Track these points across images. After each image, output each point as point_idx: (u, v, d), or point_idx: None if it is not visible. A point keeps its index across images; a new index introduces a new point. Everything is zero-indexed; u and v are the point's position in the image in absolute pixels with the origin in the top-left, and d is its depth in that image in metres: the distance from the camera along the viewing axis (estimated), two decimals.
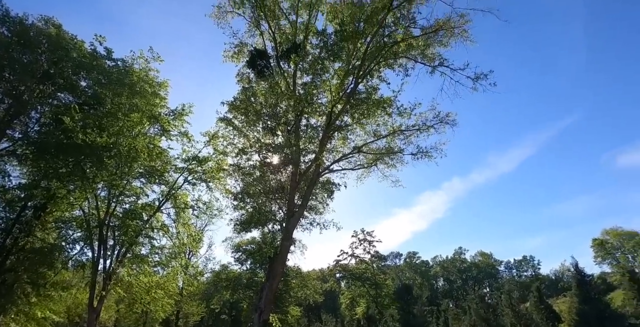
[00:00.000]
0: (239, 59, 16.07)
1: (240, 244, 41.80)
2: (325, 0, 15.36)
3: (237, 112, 14.83)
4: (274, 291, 14.46)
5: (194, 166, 24.52)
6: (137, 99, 20.68)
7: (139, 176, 21.89)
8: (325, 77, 13.85)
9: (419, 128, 15.33)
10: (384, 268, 56.29)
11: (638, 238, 63.23)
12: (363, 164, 17.44)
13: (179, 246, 23.62)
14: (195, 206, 24.10)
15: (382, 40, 13.01)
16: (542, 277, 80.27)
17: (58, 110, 19.28)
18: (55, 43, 18.62)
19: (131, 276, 19.48)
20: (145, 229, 20.66)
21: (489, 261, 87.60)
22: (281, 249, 13.96)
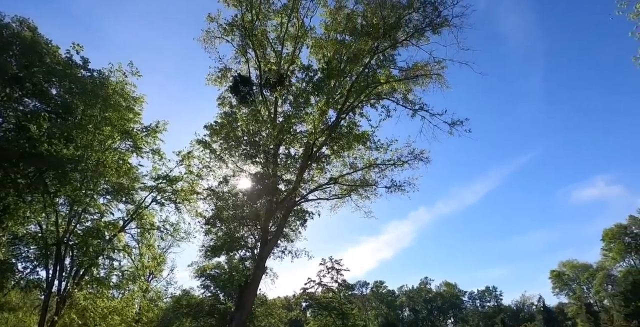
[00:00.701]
0: (222, 83, 16.17)
1: (205, 268, 40.12)
2: (311, 35, 15.99)
3: (217, 136, 14.73)
4: (244, 321, 13.93)
5: (163, 185, 23.77)
6: (110, 112, 20.12)
7: (104, 192, 20.92)
8: (308, 110, 14.17)
9: (394, 163, 15.80)
10: (351, 297, 55.46)
11: (592, 270, 66.48)
12: (338, 194, 17.59)
13: (140, 268, 22.39)
14: (162, 227, 23.17)
15: (367, 81, 13.61)
16: (504, 308, 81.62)
17: (24, 116, 18.39)
18: (29, 46, 17.91)
19: (88, 299, 18.05)
20: (107, 250, 19.51)
21: (453, 291, 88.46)
22: (253, 278, 13.59)
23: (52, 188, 18.32)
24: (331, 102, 13.94)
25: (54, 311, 17.58)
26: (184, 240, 23.70)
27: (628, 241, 59.47)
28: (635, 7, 12.14)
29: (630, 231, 60.08)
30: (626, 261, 60.49)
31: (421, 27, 13.36)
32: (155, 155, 23.13)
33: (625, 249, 59.25)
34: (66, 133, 18.67)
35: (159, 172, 23.37)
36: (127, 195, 21.49)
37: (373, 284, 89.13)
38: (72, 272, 19.10)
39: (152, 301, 26.90)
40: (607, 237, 61.90)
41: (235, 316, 13.40)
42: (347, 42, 14.87)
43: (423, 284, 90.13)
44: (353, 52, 13.96)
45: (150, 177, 23.26)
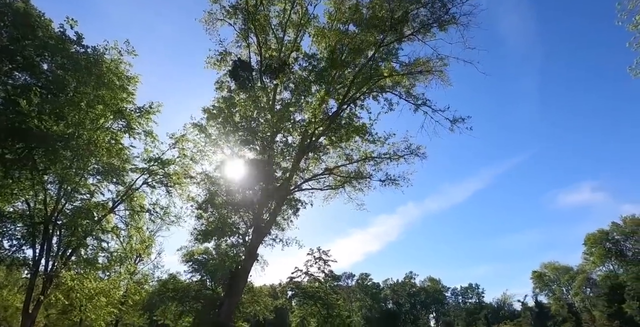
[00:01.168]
0: (221, 67, 15.88)
1: (193, 252, 40.03)
2: (313, 23, 15.70)
3: (214, 120, 14.49)
4: (234, 307, 13.97)
5: (155, 168, 23.48)
6: (103, 91, 19.66)
7: (95, 172, 20.58)
8: (308, 99, 13.98)
9: (390, 157, 15.79)
10: (336, 288, 56.02)
11: (572, 273, 68.29)
12: (331, 185, 17.59)
13: (129, 250, 22.22)
14: (153, 210, 22.95)
15: (370, 73, 13.44)
16: (485, 305, 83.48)
17: (13, 90, 17.86)
18: (21, 18, 17.25)
19: (74, 280, 17.85)
20: (96, 231, 19.26)
21: (437, 286, 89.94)
22: (245, 264, 13.58)
23: (41, 165, 17.93)
24: (332, 92, 13.78)
25: (40, 290, 17.35)
26: (174, 224, 23.48)
27: (609, 247, 61.10)
28: (634, 18, 12.22)
29: (612, 237, 61.68)
30: (606, 265, 62.25)
31: (428, 23, 13.21)
32: (148, 137, 22.74)
33: (605, 254, 60.89)
34: (57, 110, 18.22)
35: (151, 154, 23.04)
36: (118, 176, 21.16)
37: (359, 276, 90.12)
38: (60, 252, 18.84)
39: (139, 283, 26.82)
40: (589, 241, 63.51)
41: (226, 301, 13.41)
42: (350, 33, 14.64)
43: (408, 278, 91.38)
44: (357, 43, 13.77)
45: (141, 159, 22.93)
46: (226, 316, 13.10)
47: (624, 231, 60.67)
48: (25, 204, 18.79)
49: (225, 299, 13.40)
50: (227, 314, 13.23)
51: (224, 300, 13.66)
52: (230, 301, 13.37)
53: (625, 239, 60.83)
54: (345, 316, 50.41)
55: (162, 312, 43.86)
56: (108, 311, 22.97)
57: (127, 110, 21.34)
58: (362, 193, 17.97)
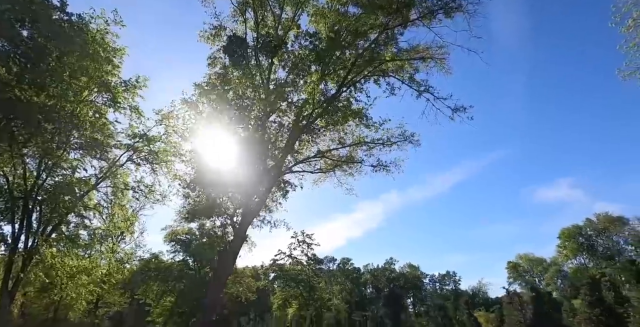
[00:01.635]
0: (215, 42, 15.25)
1: (176, 232, 39.69)
2: (312, 2, 15.14)
3: (206, 97, 13.99)
4: (223, 287, 13.94)
5: (140, 145, 22.85)
6: (87, 62, 18.77)
7: (77, 147, 19.84)
8: (307, 79, 13.61)
9: (384, 142, 15.67)
10: (318, 271, 56.81)
11: (545, 264, 71.39)
12: (322, 168, 17.44)
13: (112, 228, 21.78)
14: (137, 188, 22.44)
15: (372, 56, 13.15)
16: (461, 292, 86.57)
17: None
18: None
19: (55, 257, 17.37)
20: (78, 207, 18.72)
21: (416, 273, 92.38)
22: (234, 245, 13.46)
23: (20, 138, 17.15)
24: (332, 73, 13.47)
25: (19, 267, 16.83)
26: (159, 202, 23.05)
27: (582, 241, 64.14)
28: (627, 21, 12.33)
29: (585, 233, 64.57)
30: (577, 259, 65.23)
31: (434, 9, 12.89)
32: (133, 112, 22.00)
33: (578, 248, 63.92)
34: (38, 79, 17.36)
35: (136, 130, 22.38)
36: (102, 151, 20.51)
37: (340, 261, 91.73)
38: (40, 229, 18.26)
39: (121, 262, 26.49)
40: (564, 235, 66.37)
41: (214, 281, 13.33)
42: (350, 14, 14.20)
43: (388, 264, 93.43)
44: (359, 25, 13.38)
45: (126, 134, 22.26)
46: (214, 296, 13.06)
47: (596, 227, 63.48)
48: (4, 178, 18.02)
49: (214, 280, 13.32)
50: (216, 294, 13.19)
51: (212, 280, 13.58)
52: (219, 281, 13.31)
53: (597, 235, 63.80)
54: (326, 299, 51.42)
55: (143, 292, 43.75)
56: (89, 289, 22.66)
57: (113, 83, 20.54)
58: (352, 178, 17.98)
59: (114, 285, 33.63)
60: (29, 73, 16.93)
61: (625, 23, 12.51)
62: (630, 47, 12.71)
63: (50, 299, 29.37)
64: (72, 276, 19.24)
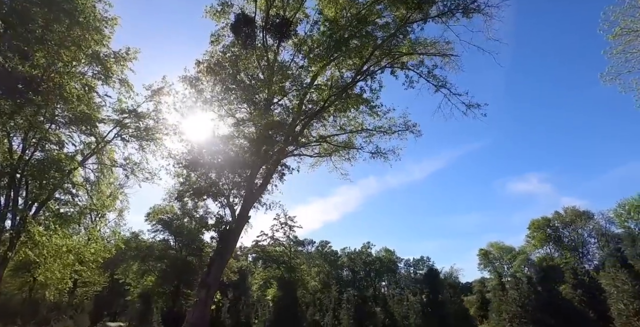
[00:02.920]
0: (220, 19, 14.70)
1: (162, 211, 39.09)
2: None
3: (210, 75, 13.59)
4: (224, 267, 14.04)
5: (129, 121, 22.18)
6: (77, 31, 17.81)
7: (66, 121, 18.99)
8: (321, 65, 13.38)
9: (385, 131, 15.86)
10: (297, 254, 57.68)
11: (514, 253, 75.30)
12: (320, 152, 17.54)
13: (99, 206, 21.22)
14: (127, 165, 21.88)
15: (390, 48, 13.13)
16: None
17: None
18: None
19: (43, 236, 16.81)
20: (65, 184, 18.08)
21: (391, 257, 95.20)
22: (237, 225, 13.47)
23: (5, 109, 16.22)
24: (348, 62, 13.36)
25: (7, 246, 16.18)
26: (148, 181, 22.64)
27: (549, 233, 67.79)
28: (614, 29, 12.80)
29: (553, 224, 68.25)
30: (544, 248, 69.09)
31: (453, 7, 12.88)
32: (123, 86, 21.21)
33: (546, 238, 67.60)
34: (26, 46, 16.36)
35: (124, 105, 21.65)
36: (90, 126, 19.74)
37: (319, 243, 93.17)
38: (27, 206, 17.54)
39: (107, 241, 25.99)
40: (533, 226, 69.95)
41: (216, 261, 13.38)
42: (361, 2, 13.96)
43: (365, 247, 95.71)
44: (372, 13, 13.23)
45: (114, 109, 21.52)
46: (215, 276, 13.17)
47: (564, 220, 67.10)
48: None
49: (216, 260, 13.37)
50: (217, 274, 13.30)
51: (214, 260, 13.63)
52: (221, 261, 13.38)
53: (564, 227, 67.50)
54: (307, 281, 52.49)
55: (123, 271, 43.20)
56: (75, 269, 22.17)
57: (102, 54, 19.66)
58: (349, 163, 18.22)
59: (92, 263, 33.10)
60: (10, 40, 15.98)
61: (612, 31, 12.97)
62: (614, 54, 13.18)
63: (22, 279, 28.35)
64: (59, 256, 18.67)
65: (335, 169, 18.98)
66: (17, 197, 16.96)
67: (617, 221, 60.30)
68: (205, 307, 12.37)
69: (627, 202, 58.33)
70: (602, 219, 63.00)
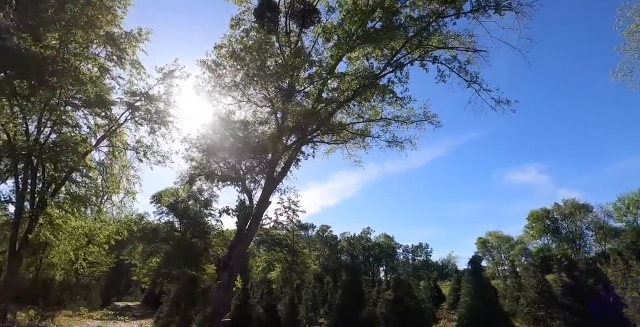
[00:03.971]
0: (243, 3, 14.47)
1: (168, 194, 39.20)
2: None
3: (233, 60, 13.45)
4: (245, 249, 14.37)
5: (141, 104, 22.13)
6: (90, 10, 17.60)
7: (81, 104, 18.94)
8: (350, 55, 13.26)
9: (404, 120, 15.86)
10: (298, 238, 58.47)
11: (512, 242, 76.55)
12: (337, 140, 17.61)
13: (112, 189, 21.39)
14: (140, 148, 21.95)
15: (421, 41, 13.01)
16: (431, 263, 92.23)
17: None
18: None
19: (61, 218, 16.97)
20: (81, 166, 18.16)
21: (390, 243, 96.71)
22: (258, 210, 13.69)
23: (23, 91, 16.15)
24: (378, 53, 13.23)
25: (26, 228, 16.38)
26: (160, 164, 22.77)
27: (548, 224, 68.77)
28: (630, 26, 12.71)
29: (552, 216, 69.11)
30: (542, 239, 70.25)
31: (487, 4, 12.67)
32: (135, 67, 21.12)
33: (544, 229, 68.65)
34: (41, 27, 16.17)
35: (135, 87, 21.59)
36: (105, 108, 19.72)
37: (319, 228, 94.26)
38: (44, 188, 17.64)
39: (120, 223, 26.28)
40: (532, 217, 70.93)
41: (238, 244, 13.67)
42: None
43: (365, 233, 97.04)
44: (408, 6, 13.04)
45: (125, 92, 21.46)
46: (237, 259, 13.49)
47: (563, 212, 67.98)
48: (4, 134, 17.03)
49: (237, 243, 13.66)
50: (238, 257, 13.61)
51: (235, 243, 13.92)
52: (242, 245, 13.67)
53: (563, 219, 68.47)
54: (309, 264, 53.43)
55: (129, 252, 43.89)
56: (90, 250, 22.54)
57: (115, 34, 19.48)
58: (364, 150, 18.34)
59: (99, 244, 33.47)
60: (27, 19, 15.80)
61: (628, 27, 12.80)
62: (627, 50, 13.16)
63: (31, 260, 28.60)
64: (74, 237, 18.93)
65: (349, 156, 19.16)
66: (34, 179, 17.08)
67: (615, 215, 61.24)
68: (229, 289, 12.72)
69: (627, 196, 59.06)
70: (601, 212, 64.12)
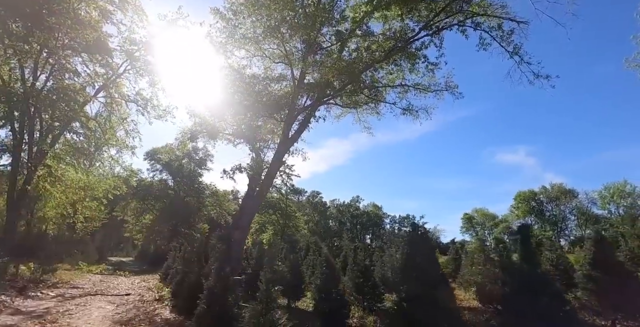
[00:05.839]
0: None
1: (168, 151, 38.54)
2: None
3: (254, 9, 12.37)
4: (256, 210, 14.22)
5: (140, 54, 20.99)
6: None
7: (81, 48, 17.70)
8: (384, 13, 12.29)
9: (424, 88, 15.26)
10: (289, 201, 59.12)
11: (497, 220, 79.09)
12: (350, 104, 17.03)
13: (112, 142, 20.69)
14: (140, 100, 21.07)
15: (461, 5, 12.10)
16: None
17: None
18: None
19: (58, 170, 16.38)
20: (79, 116, 17.33)
21: (378, 212, 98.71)
22: (270, 170, 13.38)
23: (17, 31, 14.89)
24: (416, 14, 12.32)
25: (24, 179, 15.79)
26: (160, 118, 22.02)
27: (533, 205, 70.88)
28: None
29: (538, 198, 71.10)
30: (526, 219, 72.62)
31: None
32: (136, 13, 19.76)
33: (529, 210, 70.81)
34: None
35: (134, 35, 20.39)
36: (107, 55, 18.56)
37: (310, 193, 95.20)
38: (42, 138, 16.86)
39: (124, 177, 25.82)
40: (519, 197, 72.96)
41: (249, 204, 13.49)
42: None
43: (354, 201, 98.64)
44: None
45: (124, 39, 20.24)
46: (248, 218, 13.36)
47: (549, 195, 69.88)
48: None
49: (248, 203, 13.47)
50: (249, 217, 13.48)
51: (246, 203, 13.73)
52: (253, 204, 13.49)
53: (548, 202, 70.55)
54: (300, 228, 54.52)
55: (122, 208, 43.74)
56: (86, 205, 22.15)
57: None
58: (376, 116, 17.87)
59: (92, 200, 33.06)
60: None
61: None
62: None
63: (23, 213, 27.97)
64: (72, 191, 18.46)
65: (360, 121, 18.70)
66: (32, 128, 16.29)
67: (599, 203, 63.17)
68: (240, 246, 12.66)
69: (613, 186, 60.51)
70: (586, 199, 66.04)
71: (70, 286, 14.36)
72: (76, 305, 10.25)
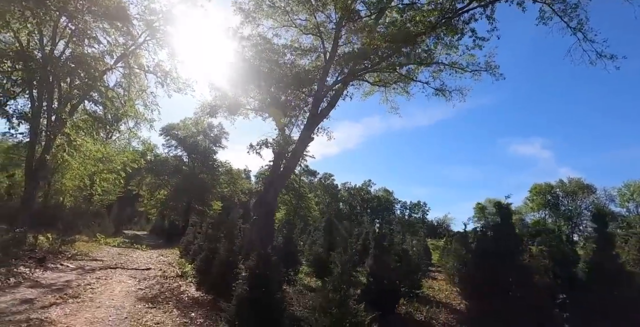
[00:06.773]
0: None
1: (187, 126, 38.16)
2: None
3: None
4: (284, 185, 13.80)
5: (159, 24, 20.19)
6: None
7: (102, 13, 16.99)
8: None
9: (461, 68, 14.23)
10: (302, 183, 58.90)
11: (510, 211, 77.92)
12: (381, 81, 16.15)
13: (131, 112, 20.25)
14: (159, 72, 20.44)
15: None
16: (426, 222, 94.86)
17: None
18: None
19: (76, 140, 16.00)
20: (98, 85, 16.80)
21: (389, 197, 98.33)
22: (299, 145, 12.82)
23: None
24: None
25: (42, 148, 15.45)
26: (180, 91, 21.45)
27: (549, 199, 69.23)
28: None
29: (554, 192, 69.37)
30: (540, 213, 71.24)
31: None
32: None
33: (544, 203, 69.34)
34: None
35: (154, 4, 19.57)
36: (128, 22, 17.84)
37: (322, 175, 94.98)
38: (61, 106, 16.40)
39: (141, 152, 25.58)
40: (535, 190, 71.37)
41: (275, 180, 13.04)
42: None
43: (365, 185, 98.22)
44: None
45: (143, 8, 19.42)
46: (274, 195, 12.96)
47: (566, 189, 68.08)
48: (17, 42, 15.30)
49: (274, 179, 13.01)
50: (275, 193, 13.08)
51: (272, 179, 13.27)
52: (279, 181, 13.06)
53: (565, 196, 68.85)
54: (312, 209, 54.47)
55: (137, 183, 44.04)
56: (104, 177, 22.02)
57: None
58: (406, 96, 16.98)
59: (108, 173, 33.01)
60: None
61: None
62: None
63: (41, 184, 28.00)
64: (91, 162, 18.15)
65: (387, 101, 17.85)
66: (51, 97, 15.85)
67: (618, 200, 61.43)
68: (267, 222, 12.27)
69: (633, 183, 58.78)
70: (604, 195, 64.30)
71: (90, 258, 14.27)
72: (97, 279, 10.02)
